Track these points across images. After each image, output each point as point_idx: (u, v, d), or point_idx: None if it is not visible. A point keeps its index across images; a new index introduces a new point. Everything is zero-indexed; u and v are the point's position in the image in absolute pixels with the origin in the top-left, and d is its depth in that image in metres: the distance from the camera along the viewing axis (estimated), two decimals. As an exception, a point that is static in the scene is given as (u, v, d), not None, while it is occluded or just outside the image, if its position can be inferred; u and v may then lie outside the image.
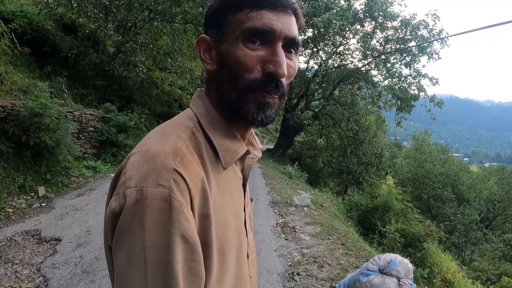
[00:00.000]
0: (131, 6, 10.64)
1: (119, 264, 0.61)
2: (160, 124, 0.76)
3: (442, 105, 15.48)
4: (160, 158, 0.63)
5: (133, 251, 0.59)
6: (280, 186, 9.19)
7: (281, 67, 0.68)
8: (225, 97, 0.73)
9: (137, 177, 0.62)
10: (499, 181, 28.02)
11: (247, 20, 0.68)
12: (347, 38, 17.19)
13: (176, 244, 0.60)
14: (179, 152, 0.65)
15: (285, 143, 19.02)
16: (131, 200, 0.60)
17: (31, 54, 9.16)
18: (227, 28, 0.70)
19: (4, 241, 4.26)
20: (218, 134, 0.74)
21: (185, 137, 0.69)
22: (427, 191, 22.53)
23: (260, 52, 0.69)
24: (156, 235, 0.59)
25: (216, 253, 0.69)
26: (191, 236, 0.62)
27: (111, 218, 0.63)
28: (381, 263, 3.00)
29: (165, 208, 0.60)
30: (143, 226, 0.59)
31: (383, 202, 13.29)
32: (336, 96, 17.97)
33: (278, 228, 5.60)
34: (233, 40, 0.69)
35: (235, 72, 0.70)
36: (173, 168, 0.62)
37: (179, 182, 0.62)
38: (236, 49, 0.69)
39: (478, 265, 19.46)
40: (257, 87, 0.69)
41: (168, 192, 0.60)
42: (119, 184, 0.65)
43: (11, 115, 6.16)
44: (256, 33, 0.68)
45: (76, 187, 7.04)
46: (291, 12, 0.72)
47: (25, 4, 10.00)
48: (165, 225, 0.59)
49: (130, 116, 9.93)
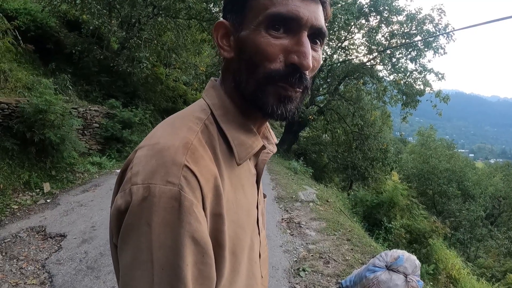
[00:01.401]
0: (135, 2, 10.61)
1: (124, 263, 0.58)
2: (171, 115, 0.72)
3: (448, 101, 15.37)
4: (170, 152, 0.59)
5: (139, 251, 0.56)
6: (285, 181, 9.17)
7: (306, 59, 0.63)
8: (242, 87, 0.68)
9: (145, 172, 0.58)
10: (505, 178, 27.83)
11: (272, 5, 0.63)
12: (352, 32, 17.08)
13: (186, 246, 0.56)
14: (191, 146, 0.61)
15: (290, 139, 18.99)
16: (137, 198, 0.56)
17: (35, 51, 9.16)
18: (249, 13, 0.65)
19: (9, 237, 4.27)
20: (233, 127, 0.69)
21: (197, 130, 0.65)
22: (433, 187, 22.42)
23: (284, 41, 0.64)
24: (164, 236, 0.55)
25: (228, 254, 0.65)
26: (202, 237, 0.58)
27: (117, 215, 0.60)
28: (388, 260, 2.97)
29: (174, 207, 0.56)
30: (150, 226, 0.55)
31: (388, 197, 13.25)
32: (341, 91, 17.89)
33: (283, 224, 5.58)
34: (255, 26, 0.64)
35: (255, 61, 0.65)
36: (184, 163, 0.58)
37: (190, 179, 0.57)
38: (257, 36, 0.64)
39: (483, 261, 19.41)
40: (278, 78, 0.64)
41: (178, 190, 0.56)
42: (125, 180, 0.61)
43: (16, 112, 6.17)
44: (280, 20, 0.63)
45: (81, 183, 7.05)
46: (318, 1, 0.67)
47: (28, 1, 10.01)
48: (173, 225, 0.55)
49: (134, 112, 9.93)
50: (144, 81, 13.00)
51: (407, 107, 16.26)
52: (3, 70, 7.14)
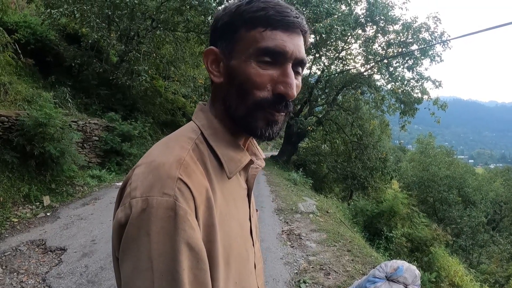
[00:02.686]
0: (134, 16, 10.73)
1: (125, 274, 0.61)
2: (164, 137, 0.76)
3: (446, 108, 15.45)
4: (165, 168, 0.64)
5: (139, 261, 0.59)
6: (285, 193, 9.15)
7: (291, 89, 0.69)
8: (232, 111, 0.73)
9: (143, 187, 0.62)
10: (505, 182, 27.79)
11: (261, 39, 0.68)
12: (349, 43, 17.20)
13: (182, 252, 0.60)
14: (183, 162, 0.65)
15: (290, 150, 18.99)
16: (136, 210, 0.61)
17: (35, 64, 9.23)
18: (239, 44, 0.70)
19: (10, 250, 4.26)
20: (222, 145, 0.74)
21: (189, 148, 0.69)
22: (433, 195, 22.39)
23: (271, 72, 0.69)
24: (162, 243, 0.59)
25: (222, 264, 0.69)
26: (197, 244, 0.62)
27: (118, 228, 0.64)
28: (388, 270, 2.96)
29: (171, 216, 0.60)
30: (149, 235, 0.59)
31: (388, 206, 13.23)
32: (340, 101, 17.96)
33: (283, 236, 5.57)
34: (245, 57, 0.69)
35: (245, 89, 0.70)
36: (178, 177, 0.63)
37: (184, 190, 0.62)
38: (248, 67, 0.69)
39: (486, 267, 19.30)
40: (267, 106, 0.70)
41: (173, 200, 0.60)
42: (125, 195, 0.66)
43: (16, 125, 6.19)
44: (269, 53, 0.68)
45: (81, 196, 7.05)
46: (300, 33, 0.73)
47: (28, 15, 10.11)
48: (170, 233, 0.59)
49: (134, 125, 9.96)
50: (143, 94, 13.06)
51: (406, 115, 16.33)
52: (3, 83, 7.18)
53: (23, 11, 10.89)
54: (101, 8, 9.94)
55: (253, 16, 0.69)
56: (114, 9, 10.13)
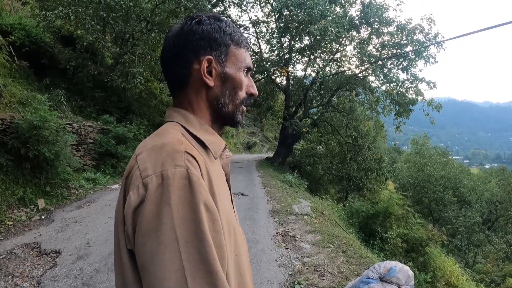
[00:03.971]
0: (129, 18, 10.71)
1: (149, 255, 0.64)
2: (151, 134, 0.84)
3: (440, 109, 15.54)
4: (170, 146, 0.73)
5: (163, 234, 0.63)
6: (280, 194, 9.16)
7: (256, 90, 0.94)
8: (223, 107, 0.89)
9: (153, 165, 0.69)
10: (500, 182, 27.92)
11: (247, 57, 0.92)
12: (344, 45, 17.27)
13: (202, 213, 0.66)
14: (183, 140, 0.76)
15: (285, 151, 18.99)
16: (153, 186, 0.67)
17: (29, 67, 9.21)
18: (232, 57, 0.88)
19: (4, 254, 4.25)
20: (202, 132, 0.85)
21: (180, 134, 0.79)
22: (428, 195, 22.47)
23: (245, 79, 0.92)
24: (183, 211, 0.65)
25: (227, 233, 0.76)
26: (211, 205, 0.69)
27: (133, 213, 0.68)
28: (381, 271, 2.99)
29: (186, 185, 0.67)
30: (170, 205, 0.65)
31: (384, 207, 13.28)
32: (334, 103, 18.00)
33: (278, 237, 5.58)
34: (238, 68, 0.89)
35: (236, 91, 0.89)
36: (184, 150, 0.72)
37: (192, 161, 0.71)
38: (241, 76, 0.90)
39: (481, 267, 19.39)
40: (244, 102, 0.92)
41: (185, 170, 0.68)
42: (133, 180, 0.71)
43: (10, 128, 6.18)
44: (249, 68, 0.92)
45: (76, 199, 7.04)
46: None
47: (23, 17, 10.08)
48: (188, 199, 0.66)
49: (129, 128, 9.95)
50: (138, 96, 13.04)
51: (400, 116, 16.37)
52: (-2, 85, 7.17)
53: (18, 13, 10.85)
54: (96, 10, 9.92)
55: (236, 37, 0.89)
56: (109, 11, 10.11)
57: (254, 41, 18.25)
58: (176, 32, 0.87)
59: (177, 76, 0.87)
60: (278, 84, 19.12)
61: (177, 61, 0.86)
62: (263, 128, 37.48)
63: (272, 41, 17.34)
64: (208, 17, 0.88)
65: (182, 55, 0.85)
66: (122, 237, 0.72)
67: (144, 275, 0.65)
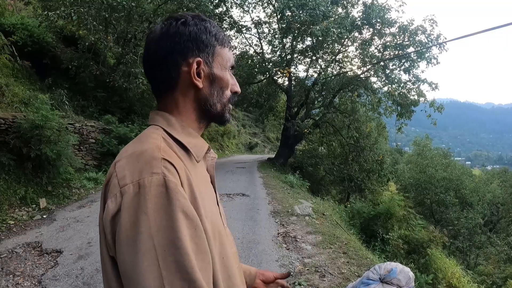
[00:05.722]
0: (131, 18, 10.73)
1: (128, 262, 0.64)
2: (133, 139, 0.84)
3: (442, 110, 15.50)
4: (148, 153, 0.72)
5: (141, 242, 0.63)
6: (281, 195, 9.15)
7: (239, 88, 0.96)
8: (209, 107, 0.88)
9: (131, 173, 0.69)
10: (502, 184, 27.88)
11: (231, 57, 0.92)
12: (346, 45, 17.27)
13: (179, 220, 0.66)
14: (161, 147, 0.75)
15: (286, 152, 18.99)
16: (129, 195, 0.67)
17: (31, 67, 9.23)
18: (218, 58, 0.88)
19: (6, 253, 4.27)
20: (184, 136, 0.84)
21: (160, 139, 0.78)
22: (430, 196, 22.44)
23: (230, 77, 0.92)
24: (159, 218, 0.65)
25: (212, 237, 0.76)
26: (191, 211, 0.69)
27: (111, 221, 0.68)
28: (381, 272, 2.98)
29: (163, 192, 0.66)
30: (147, 214, 0.65)
31: (385, 209, 13.24)
32: (336, 104, 17.97)
33: (279, 238, 5.58)
34: (225, 68, 0.90)
35: (223, 90, 0.90)
36: (161, 157, 0.71)
37: (169, 167, 0.70)
38: (228, 75, 0.91)
39: (483, 269, 19.35)
40: (230, 100, 0.93)
41: (162, 177, 0.68)
42: (111, 188, 0.70)
43: (12, 127, 6.20)
44: (232, 67, 0.93)
45: (78, 198, 7.05)
46: None
47: (25, 17, 10.11)
48: (165, 206, 0.66)
49: (130, 128, 9.95)
50: (140, 97, 13.04)
51: (402, 117, 16.35)
52: (0, 85, 7.18)
53: (21, 13, 10.90)
54: (98, 11, 9.94)
55: (220, 37, 0.89)
56: (111, 11, 10.13)
57: (256, 42, 18.28)
58: (161, 34, 0.85)
59: (164, 79, 0.85)
60: (280, 84, 19.14)
61: (164, 64, 0.84)
62: (264, 129, 37.47)
63: (274, 42, 17.34)
64: (192, 17, 0.87)
65: (170, 58, 0.83)
66: (104, 244, 0.72)
67: (125, 282, 0.66)
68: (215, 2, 15.25)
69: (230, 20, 17.09)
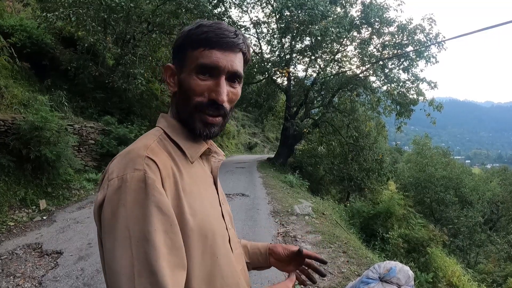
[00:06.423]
0: (130, 19, 10.73)
1: (107, 249, 0.70)
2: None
3: (442, 109, 15.52)
4: (135, 151, 0.78)
5: (118, 232, 0.69)
6: (281, 195, 9.16)
7: (220, 96, 0.84)
8: (181, 113, 0.89)
9: (118, 169, 0.75)
10: (502, 182, 27.83)
11: (200, 57, 0.83)
12: (345, 45, 17.26)
13: (153, 214, 0.70)
14: (149, 146, 0.79)
15: (286, 152, 18.99)
16: (113, 188, 0.72)
17: (30, 68, 9.23)
18: (187, 61, 0.86)
19: (6, 254, 4.27)
20: (182, 138, 0.88)
21: (154, 139, 0.83)
22: (430, 195, 22.43)
23: (208, 82, 0.85)
24: (136, 211, 0.69)
25: (197, 234, 0.79)
26: (167, 208, 0.72)
27: (97, 209, 0.74)
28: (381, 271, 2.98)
29: (142, 187, 0.71)
30: (125, 206, 0.70)
31: (385, 208, 13.25)
32: (336, 103, 17.97)
33: (279, 238, 5.59)
34: (189, 70, 0.85)
35: (188, 95, 0.86)
36: (145, 155, 0.76)
37: (151, 165, 0.75)
38: (190, 79, 0.85)
39: (483, 267, 19.36)
40: (201, 109, 0.85)
41: (142, 173, 0.72)
42: (103, 181, 0.76)
43: (12, 129, 6.21)
44: (205, 68, 0.84)
45: (77, 200, 7.06)
46: (238, 51, 0.88)
47: (24, 18, 10.10)
48: (141, 200, 0.70)
49: (130, 128, 9.95)
50: (140, 97, 13.04)
51: (401, 116, 16.36)
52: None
53: (19, 15, 10.89)
54: (97, 12, 9.95)
55: (197, 39, 0.84)
56: (110, 12, 10.13)
57: (255, 42, 18.27)
58: None
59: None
60: (279, 84, 19.14)
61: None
62: (264, 129, 37.48)
63: (273, 42, 17.35)
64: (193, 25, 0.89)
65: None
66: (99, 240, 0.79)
67: (106, 267, 0.71)
68: (213, 2, 15.24)
69: (229, 20, 17.08)
